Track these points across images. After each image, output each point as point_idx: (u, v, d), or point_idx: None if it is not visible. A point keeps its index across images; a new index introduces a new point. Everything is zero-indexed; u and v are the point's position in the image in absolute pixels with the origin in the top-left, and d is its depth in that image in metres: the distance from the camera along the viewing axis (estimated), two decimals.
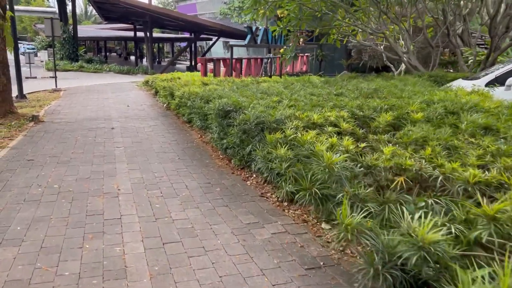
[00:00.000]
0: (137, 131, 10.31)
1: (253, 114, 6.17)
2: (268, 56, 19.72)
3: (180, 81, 13.55)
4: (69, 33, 36.83)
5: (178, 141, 9.31)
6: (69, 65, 34.01)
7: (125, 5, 28.94)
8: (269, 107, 6.80)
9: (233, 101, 7.21)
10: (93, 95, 17.53)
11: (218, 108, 7.19)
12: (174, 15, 30.55)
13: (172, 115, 12.78)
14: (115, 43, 69.84)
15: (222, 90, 10.13)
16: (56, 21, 18.07)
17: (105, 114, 12.78)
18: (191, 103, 9.70)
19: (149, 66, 34.48)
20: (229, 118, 7.10)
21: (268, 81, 13.42)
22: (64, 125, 10.71)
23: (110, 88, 20.53)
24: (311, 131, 5.24)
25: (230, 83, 11.87)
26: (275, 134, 5.59)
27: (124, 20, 43.76)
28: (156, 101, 16.07)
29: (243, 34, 36.22)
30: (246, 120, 6.20)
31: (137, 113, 13.21)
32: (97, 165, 7.17)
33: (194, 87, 11.24)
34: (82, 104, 14.81)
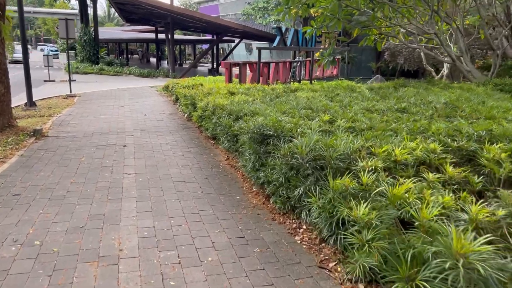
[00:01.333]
0: (153, 149, 8.68)
1: (306, 145, 4.40)
2: (297, 60, 17.93)
3: (202, 89, 11.89)
4: (90, 35, 35.74)
5: (201, 164, 7.62)
6: (89, 67, 32.86)
7: (146, 6, 27.54)
8: (323, 133, 5.03)
9: (273, 122, 5.48)
10: (109, 101, 16.04)
11: (254, 131, 5.47)
12: (197, 16, 29.03)
13: (193, 128, 11.13)
14: (137, 45, 69.01)
15: (252, 102, 8.43)
16: (70, 22, 16.66)
17: (118, 125, 11.22)
18: (216, 119, 7.99)
19: (170, 69, 33.06)
20: (267, 144, 5.37)
21: (302, 88, 11.65)
22: (69, 141, 9.16)
23: (128, 93, 19.05)
24: (402, 179, 3.45)
25: (260, 92, 10.15)
26: (342, 178, 3.82)
27: (146, 22, 42.54)
28: (176, 109, 14.47)
29: (267, 36, 34.50)
30: (296, 152, 4.44)
31: (155, 124, 11.61)
32: (98, 204, 5.52)
33: (219, 97, 9.56)
34: (95, 112, 13.30)
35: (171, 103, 15.97)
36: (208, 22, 30.43)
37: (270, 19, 30.29)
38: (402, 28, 14.86)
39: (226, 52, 50.30)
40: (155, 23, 38.78)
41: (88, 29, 35.89)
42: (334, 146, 4.28)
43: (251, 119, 6.28)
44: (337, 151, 4.15)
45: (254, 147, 5.50)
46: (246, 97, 9.29)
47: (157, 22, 37.94)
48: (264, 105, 7.57)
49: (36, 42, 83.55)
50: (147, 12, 32.51)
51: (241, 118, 6.87)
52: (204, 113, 9.18)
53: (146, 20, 40.56)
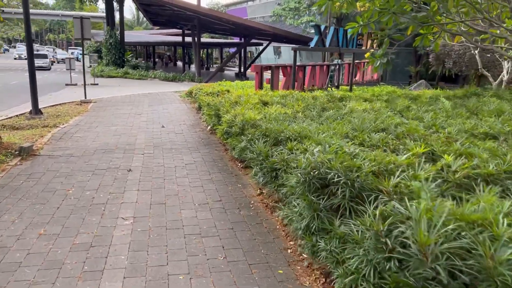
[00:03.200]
0: (165, 175, 6.65)
1: (431, 226, 2.22)
2: (336, 63, 15.69)
3: (229, 97, 9.83)
4: (116, 37, 34.37)
5: (225, 201, 5.53)
6: (114, 71, 31.42)
7: (172, 7, 25.80)
8: (442, 183, 2.83)
9: (340, 158, 3.31)
10: (126, 108, 14.20)
11: (309, 172, 3.33)
12: (224, 17, 27.12)
13: (217, 144, 9.09)
14: (165, 49, 67.93)
15: (294, 116, 6.30)
16: (86, 21, 14.94)
17: (129, 139, 9.28)
18: (247, 143, 5.83)
19: (196, 73, 31.27)
20: (333, 195, 3.22)
21: (350, 96, 9.44)
22: (63, 162, 7.24)
23: (149, 99, 17.21)
24: None
25: (300, 102, 8.01)
26: None
27: (172, 24, 41.00)
28: (199, 118, 12.48)
29: (297, 38, 32.31)
30: (407, 235, 2.27)
31: (172, 138, 9.62)
32: None
33: (248, 108, 7.48)
34: (106, 122, 11.43)
35: (194, 111, 14.01)
36: (236, 24, 28.48)
37: (302, 20, 28.14)
38: (471, 26, 12.46)
39: (254, 55, 48.39)
40: (182, 25, 37.15)
41: (114, 32, 34.55)
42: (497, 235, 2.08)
43: (299, 147, 4.17)
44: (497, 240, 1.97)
45: (310, 199, 3.36)
46: (284, 109, 7.17)
47: (184, 25, 36.31)
48: (312, 123, 5.44)
49: (67, 45, 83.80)
50: (173, 14, 30.85)
51: (282, 142, 4.76)
52: (231, 129, 7.10)
53: (173, 23, 39.00)
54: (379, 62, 10.22)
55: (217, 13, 27.84)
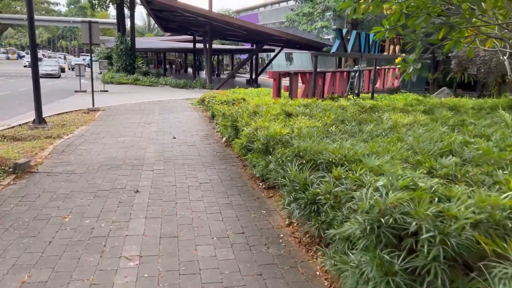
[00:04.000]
0: (177, 198, 5.74)
1: None
2: (356, 69, 14.73)
3: (246, 106, 8.92)
4: (127, 44, 33.77)
5: (249, 233, 4.59)
6: (124, 77, 30.77)
7: (184, 12, 25.09)
8: None
9: (426, 207, 2.35)
10: (135, 117, 13.36)
11: (378, 219, 2.37)
12: (237, 23, 26.32)
13: (234, 158, 8.17)
14: (175, 55, 67.46)
15: (326, 130, 5.37)
16: (95, 26, 14.18)
17: (138, 153, 8.40)
18: (276, 164, 4.82)
19: (208, 80, 30.49)
20: (414, 252, 2.26)
21: (380, 105, 8.47)
22: (62, 180, 6.36)
23: (159, 107, 16.38)
24: None
25: (329, 113, 7.07)
26: None
27: (184, 31, 40.36)
28: (212, 128, 11.58)
29: (311, 44, 31.41)
30: None
31: (184, 151, 8.73)
32: None
33: (271, 120, 6.56)
34: (114, 133, 10.58)
35: (206, 120, 13.12)
36: (248, 30, 27.68)
37: (316, 25, 27.25)
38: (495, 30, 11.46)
39: (265, 62, 47.59)
40: (193, 32, 36.48)
41: (125, 38, 33.97)
42: None
43: (348, 175, 3.23)
44: None
45: (381, 258, 2.41)
46: (312, 121, 6.23)
47: (195, 31, 35.64)
48: (354, 140, 4.50)
49: (79, 52, 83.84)
50: (184, 19, 30.17)
51: (322, 166, 3.81)
52: (252, 144, 6.17)
53: (184, 29, 38.37)
54: (412, 67, 9.24)
55: (229, 19, 27.07)
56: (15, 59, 67.66)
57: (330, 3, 25.54)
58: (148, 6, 28.07)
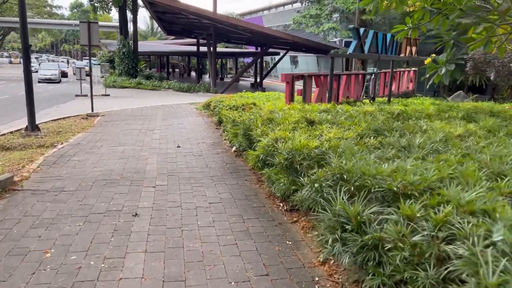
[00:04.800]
0: (183, 224, 4.78)
1: None
2: (372, 71, 13.78)
3: (258, 112, 7.96)
4: (129, 47, 32.94)
5: (276, 278, 3.61)
6: (126, 81, 29.88)
7: (188, 14, 24.21)
8: None
9: None
10: (137, 124, 12.43)
11: None
12: (242, 25, 25.40)
13: (246, 171, 7.21)
14: (178, 59, 66.68)
15: (362, 143, 4.41)
16: (94, 26, 13.27)
17: (138, 165, 7.45)
18: (312, 189, 3.76)
19: (212, 83, 29.57)
20: None
21: (408, 112, 7.48)
22: (49, 200, 5.41)
23: (163, 112, 15.45)
24: None
25: (357, 121, 6.11)
26: None
27: (187, 34, 39.49)
28: (220, 136, 10.64)
29: (317, 47, 30.46)
30: None
31: (190, 162, 7.77)
32: None
33: (291, 130, 5.61)
34: (113, 141, 9.64)
35: (213, 126, 12.18)
36: (254, 32, 26.78)
37: (324, 27, 26.31)
38: None
39: (269, 65, 46.68)
40: (197, 35, 35.61)
41: (127, 41, 33.15)
42: None
43: (431, 216, 2.28)
44: None
45: None
46: (339, 131, 5.27)
47: (198, 34, 34.77)
48: (404, 157, 3.54)
49: (82, 56, 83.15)
50: (188, 22, 29.32)
51: (377, 195, 2.86)
52: (272, 158, 5.20)
53: (188, 32, 37.51)
54: (444, 69, 8.26)
55: (234, 21, 26.18)
56: (18, 63, 66.94)
57: (338, 4, 24.63)
58: (151, 8, 27.21)
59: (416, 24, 9.11)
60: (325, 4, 25.78)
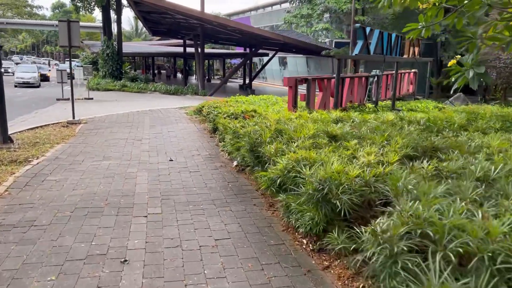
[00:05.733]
0: (186, 274, 3.71)
1: None
2: (375, 74, 12.87)
3: (264, 121, 6.93)
4: (113, 48, 31.53)
5: None
6: (111, 84, 28.51)
7: (174, 13, 23.04)
8: None
9: None
10: (123, 132, 11.26)
11: None
12: (231, 25, 24.33)
13: (252, 191, 6.17)
14: (163, 60, 65.17)
15: (415, 170, 3.42)
16: (74, 25, 12.04)
17: (125, 185, 6.35)
18: (381, 258, 2.66)
19: (200, 85, 28.43)
20: None
21: (439, 123, 6.53)
22: (15, 242, 4.28)
23: (150, 118, 14.28)
24: None
25: (387, 135, 5.12)
26: None
27: (173, 34, 38.21)
28: (216, 146, 9.57)
29: (309, 48, 29.55)
30: None
31: (187, 181, 6.70)
32: None
33: (314, 147, 4.59)
34: (96, 153, 8.50)
35: (206, 135, 11.10)
36: (243, 32, 25.72)
37: (316, 27, 25.40)
38: None
39: (257, 66, 45.68)
40: (184, 35, 34.38)
41: (111, 42, 31.73)
42: None
43: None
44: None
45: None
46: (378, 150, 4.28)
47: (185, 34, 33.55)
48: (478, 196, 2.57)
49: (64, 57, 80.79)
50: (174, 22, 28.13)
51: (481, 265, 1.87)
52: (294, 185, 4.17)
53: (174, 32, 36.24)
54: (471, 72, 7.32)
55: (224, 20, 25.09)
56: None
57: (331, 3, 23.75)
58: (136, 7, 25.96)
59: (430, 23, 8.10)
60: (316, 3, 24.86)
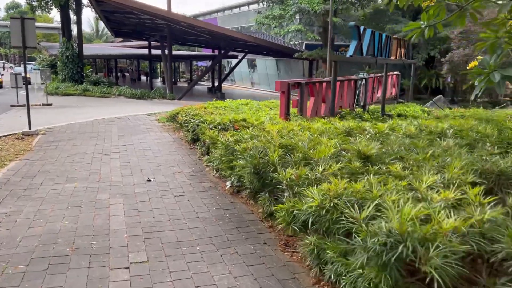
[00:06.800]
0: None
1: None
2: (362, 76, 12.02)
3: (264, 135, 5.80)
4: (73, 50, 29.40)
5: None
6: (71, 88, 26.43)
7: (140, 12, 21.49)
8: None
9: None
10: (88, 144, 9.79)
11: None
12: (201, 25, 23.00)
13: (255, 221, 5.03)
14: (126, 63, 62.65)
15: None
16: (29, 23, 10.42)
17: (96, 220, 5.03)
18: None
19: (168, 89, 26.89)
20: None
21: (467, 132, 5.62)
22: None
23: (118, 126, 12.78)
24: None
25: (432, 154, 4.11)
26: None
27: (137, 35, 36.34)
28: (198, 159, 8.34)
29: (282, 50, 28.65)
30: None
31: (172, 210, 5.45)
32: None
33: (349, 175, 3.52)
34: (57, 174, 7.07)
35: (184, 145, 9.83)
36: (213, 33, 24.46)
37: (290, 28, 24.50)
38: None
39: (225, 69, 44.44)
40: (149, 36, 32.67)
41: (71, 44, 29.57)
42: None
43: None
44: None
45: None
46: (432, 177, 3.25)
47: (151, 36, 31.87)
48: None
49: (20, 60, 76.24)
50: (139, 22, 26.49)
51: None
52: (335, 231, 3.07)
53: (139, 33, 34.43)
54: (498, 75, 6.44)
55: (193, 21, 23.73)
56: None
57: (304, 4, 22.89)
58: (98, 7, 24.18)
59: (432, 22, 7.11)
60: (289, 4, 23.95)
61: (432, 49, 23.27)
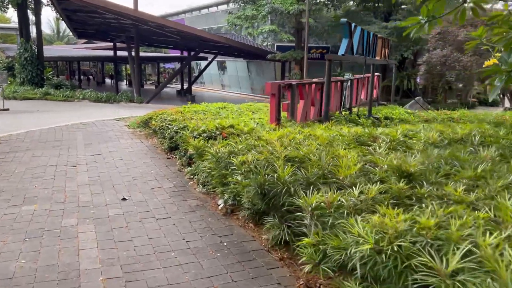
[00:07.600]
0: None
1: None
2: (348, 78, 11.35)
3: (265, 147, 4.92)
4: (32, 52, 27.46)
5: None
6: (31, 92, 24.60)
7: (105, 11, 20.11)
8: None
9: None
10: (50, 155, 8.57)
11: None
12: (171, 25, 21.81)
13: (261, 252, 4.12)
14: (90, 65, 60.11)
15: None
16: None
17: (63, 258, 3.98)
18: None
19: (135, 92, 25.50)
20: None
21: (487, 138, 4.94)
22: None
23: (84, 133, 11.52)
24: None
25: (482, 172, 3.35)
26: None
27: (101, 36, 34.57)
28: (179, 171, 7.34)
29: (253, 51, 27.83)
30: None
31: (155, 238, 4.47)
32: None
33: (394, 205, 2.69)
34: (13, 193, 5.90)
35: (161, 154, 8.79)
36: (183, 34, 23.32)
37: (263, 29, 23.71)
38: None
39: (195, 71, 43.22)
40: (114, 37, 31.05)
41: (30, 45, 27.60)
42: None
43: None
44: None
45: None
46: (505, 202, 2.48)
47: (116, 37, 30.29)
48: None
49: None
50: (104, 22, 24.99)
51: None
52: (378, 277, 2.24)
53: (103, 34, 32.71)
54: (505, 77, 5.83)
55: (162, 20, 22.51)
56: None
57: (277, 4, 22.18)
58: (59, 6, 22.56)
59: (432, 17, 6.35)
60: (261, 4, 23.18)
61: (405, 51, 23.11)
